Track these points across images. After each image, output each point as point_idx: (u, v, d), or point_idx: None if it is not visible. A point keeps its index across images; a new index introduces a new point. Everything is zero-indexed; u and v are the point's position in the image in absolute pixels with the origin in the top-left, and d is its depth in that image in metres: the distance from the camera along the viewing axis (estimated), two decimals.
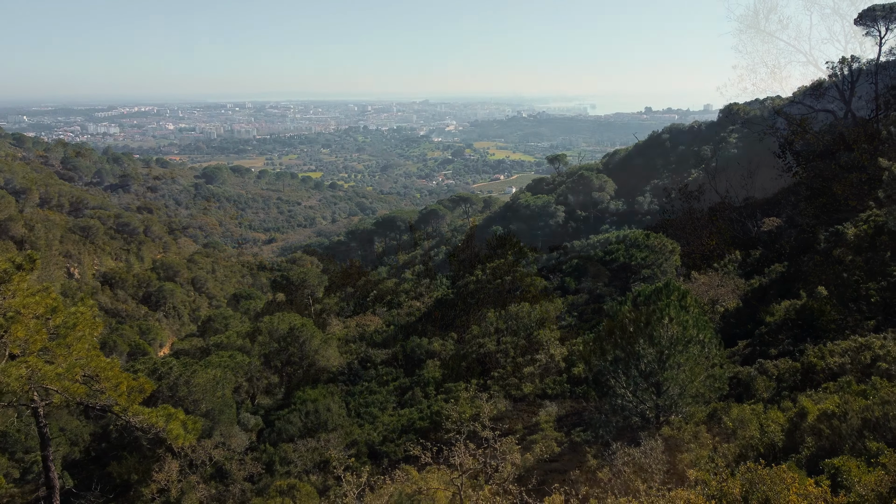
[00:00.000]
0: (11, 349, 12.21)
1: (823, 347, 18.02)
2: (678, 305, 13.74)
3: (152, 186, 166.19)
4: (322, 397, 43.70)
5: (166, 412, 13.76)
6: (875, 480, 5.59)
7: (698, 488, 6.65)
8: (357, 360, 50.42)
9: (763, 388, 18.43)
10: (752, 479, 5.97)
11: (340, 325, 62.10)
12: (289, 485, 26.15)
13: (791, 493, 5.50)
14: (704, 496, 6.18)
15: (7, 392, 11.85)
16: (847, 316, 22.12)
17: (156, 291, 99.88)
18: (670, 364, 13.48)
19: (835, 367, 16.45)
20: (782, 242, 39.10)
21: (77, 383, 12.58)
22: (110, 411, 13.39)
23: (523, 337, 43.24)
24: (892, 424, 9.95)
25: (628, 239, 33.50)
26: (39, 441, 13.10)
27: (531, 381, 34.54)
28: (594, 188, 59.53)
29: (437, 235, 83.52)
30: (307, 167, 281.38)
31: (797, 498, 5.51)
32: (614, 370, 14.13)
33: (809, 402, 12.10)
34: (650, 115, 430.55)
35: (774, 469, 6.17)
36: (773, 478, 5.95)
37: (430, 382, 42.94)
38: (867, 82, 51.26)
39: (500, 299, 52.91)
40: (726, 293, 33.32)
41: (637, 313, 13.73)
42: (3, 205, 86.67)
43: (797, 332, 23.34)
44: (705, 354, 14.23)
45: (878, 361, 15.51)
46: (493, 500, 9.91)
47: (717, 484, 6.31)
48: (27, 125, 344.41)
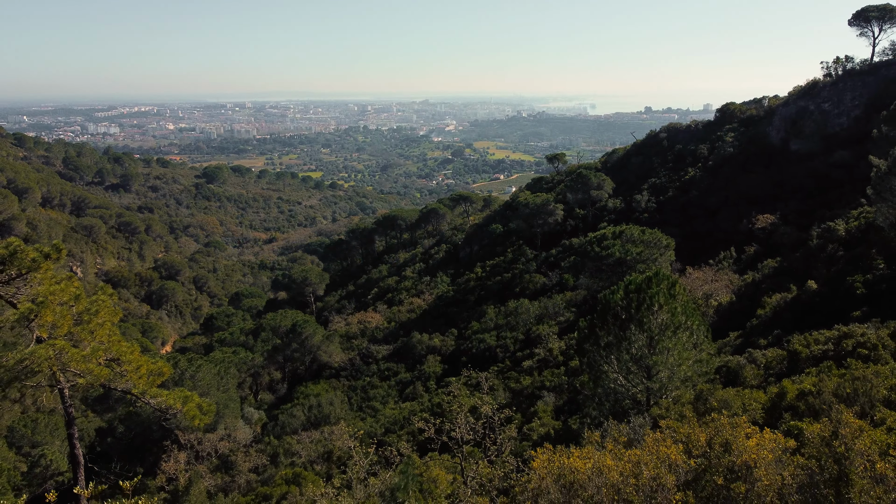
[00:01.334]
0: (40, 332, 12.98)
1: (809, 336, 18.79)
2: (667, 293, 14.49)
3: (153, 186, 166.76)
4: (325, 392, 44.53)
5: (183, 394, 14.52)
6: (820, 428, 6.42)
7: (668, 432, 7.45)
8: (359, 355, 51.21)
9: (752, 376, 19.20)
10: (715, 427, 6.80)
11: (342, 322, 62.89)
12: (294, 474, 26.86)
13: (748, 439, 6.33)
14: (673, 440, 7.00)
15: (36, 372, 12.64)
16: (834, 307, 22.88)
17: (157, 290, 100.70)
18: (660, 349, 14.24)
19: (818, 353, 17.22)
20: (776, 239, 39.85)
21: (100, 366, 13.35)
22: (130, 393, 14.15)
23: (522, 332, 44.03)
24: (861, 399, 10.73)
25: (624, 234, 34.23)
26: (65, 420, 13.86)
27: (530, 374, 35.29)
28: (592, 186, 60.18)
29: (438, 234, 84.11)
30: (307, 167, 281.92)
31: (752, 441, 6.36)
32: (607, 355, 14.88)
33: (789, 383, 12.85)
34: (650, 114, 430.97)
35: (735, 419, 6.99)
36: (732, 425, 6.80)
37: (430, 377, 43.74)
38: (861, 82, 52.00)
39: (499, 296, 53.70)
40: (720, 288, 34.08)
41: (628, 301, 14.50)
42: (7, 204, 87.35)
43: (787, 324, 24.10)
44: (693, 341, 14.97)
45: (858, 348, 16.27)
46: (492, 470, 10.64)
47: (686, 430, 7.16)
48: (27, 125, 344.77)
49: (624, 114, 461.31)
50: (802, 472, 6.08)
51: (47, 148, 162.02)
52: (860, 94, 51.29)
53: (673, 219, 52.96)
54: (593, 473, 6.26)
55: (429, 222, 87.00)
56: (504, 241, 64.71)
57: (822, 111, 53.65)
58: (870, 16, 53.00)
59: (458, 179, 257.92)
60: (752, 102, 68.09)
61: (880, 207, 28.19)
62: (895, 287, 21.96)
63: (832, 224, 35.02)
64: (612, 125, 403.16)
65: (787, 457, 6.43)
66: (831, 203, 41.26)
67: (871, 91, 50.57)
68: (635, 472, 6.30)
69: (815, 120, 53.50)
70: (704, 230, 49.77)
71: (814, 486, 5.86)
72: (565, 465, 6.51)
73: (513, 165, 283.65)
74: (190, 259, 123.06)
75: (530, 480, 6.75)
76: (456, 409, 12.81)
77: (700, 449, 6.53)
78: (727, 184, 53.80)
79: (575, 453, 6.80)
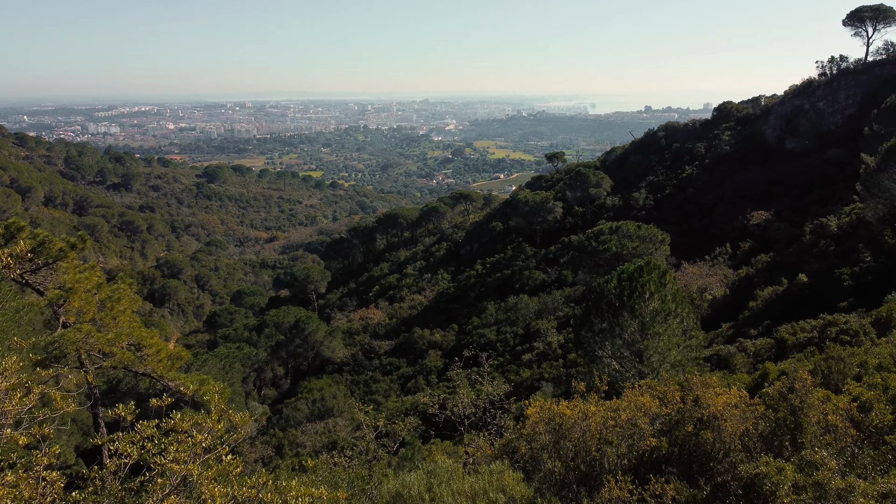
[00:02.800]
0: (67, 318, 13.80)
1: (795, 325, 19.59)
2: (658, 282, 15.26)
3: (154, 185, 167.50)
4: (328, 386, 45.34)
5: (199, 377, 15.33)
6: (778, 385, 7.24)
7: (645, 388, 8.27)
8: (361, 351, 52.02)
9: (741, 363, 20.01)
10: (687, 385, 7.63)
11: (344, 318, 63.68)
12: (300, 462, 27.63)
13: (717, 397, 7.16)
14: (650, 395, 7.82)
15: (64, 355, 13.46)
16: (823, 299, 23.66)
17: (160, 288, 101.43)
18: (651, 334, 15.02)
19: (804, 340, 18.02)
20: (770, 235, 40.64)
21: (123, 350, 14.17)
22: (150, 376, 14.96)
23: (522, 327, 44.83)
24: (836, 376, 11.54)
25: (621, 230, 35.02)
26: (91, 401, 14.66)
27: (529, 367, 36.09)
28: (591, 184, 60.96)
29: (438, 232, 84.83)
30: (308, 166, 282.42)
31: (720, 397, 7.18)
32: (601, 341, 15.67)
33: (772, 365, 13.64)
34: (650, 113, 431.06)
35: (705, 377, 7.82)
36: (703, 383, 7.63)
37: (432, 371, 44.56)
38: (855, 81, 52.77)
39: (499, 292, 54.49)
40: (715, 282, 34.88)
41: (621, 289, 15.29)
42: (10, 203, 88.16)
43: (777, 315, 24.89)
44: (683, 327, 15.74)
45: (841, 335, 17.07)
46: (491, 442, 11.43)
47: (661, 388, 8.00)
48: (28, 125, 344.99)
49: (624, 113, 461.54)
50: (763, 423, 6.89)
51: (49, 148, 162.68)
52: (854, 92, 52.08)
53: (670, 216, 53.74)
54: (579, 418, 7.07)
55: (429, 221, 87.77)
56: (504, 239, 65.48)
57: (817, 110, 54.43)
58: (863, 16, 53.78)
59: (459, 179, 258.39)
60: (749, 101, 68.86)
61: (869, 203, 29.01)
62: (880, 278, 22.75)
63: (825, 220, 35.84)
64: (612, 124, 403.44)
65: (751, 411, 7.26)
66: (825, 200, 42.06)
67: (864, 90, 51.35)
68: (615, 416, 7.14)
69: (809, 118, 54.28)
70: (701, 227, 50.56)
71: (772, 434, 6.66)
72: (555, 411, 7.33)
73: (513, 165, 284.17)
74: (192, 258, 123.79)
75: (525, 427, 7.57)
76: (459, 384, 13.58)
77: (675, 405, 7.36)
78: (723, 181, 54.59)
79: (564, 403, 7.60)
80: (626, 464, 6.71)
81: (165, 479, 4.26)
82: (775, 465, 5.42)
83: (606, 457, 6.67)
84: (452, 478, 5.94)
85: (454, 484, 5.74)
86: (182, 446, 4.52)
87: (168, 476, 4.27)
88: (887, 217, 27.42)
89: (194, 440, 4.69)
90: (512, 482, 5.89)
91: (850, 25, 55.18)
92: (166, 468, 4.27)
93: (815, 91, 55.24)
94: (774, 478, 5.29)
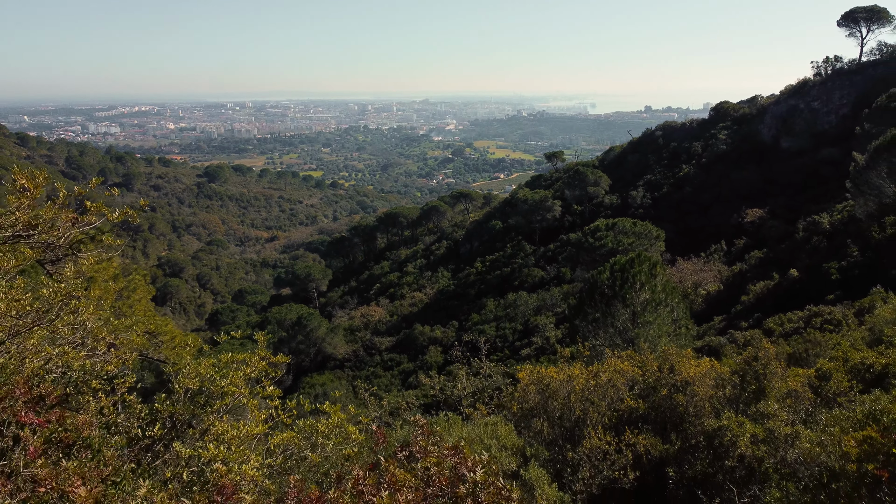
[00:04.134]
0: None
1: (783, 316, 20.35)
2: (648, 273, 16.01)
3: (155, 185, 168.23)
4: (330, 382, 46.09)
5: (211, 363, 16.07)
6: (744, 355, 8.02)
7: (626, 357, 9.03)
8: (362, 347, 52.78)
9: (730, 353, 20.74)
10: (664, 356, 8.38)
11: (345, 316, 64.41)
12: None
13: (689, 364, 7.94)
14: (631, 364, 8.58)
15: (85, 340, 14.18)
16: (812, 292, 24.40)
17: (161, 287, 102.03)
18: (641, 322, 15.78)
19: (790, 330, 18.78)
20: (764, 232, 41.39)
21: (140, 336, 14.93)
22: (164, 362, 15.70)
23: (521, 323, 45.59)
24: (812, 359, 12.30)
25: (617, 226, 35.77)
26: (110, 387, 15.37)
27: (527, 361, 36.82)
28: (589, 183, 61.72)
29: (439, 231, 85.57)
30: (308, 166, 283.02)
31: (692, 366, 7.96)
32: (594, 329, 16.42)
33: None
34: (650, 113, 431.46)
35: (680, 349, 8.60)
36: (677, 354, 8.40)
37: (432, 366, 45.28)
38: (849, 81, 53.51)
39: (499, 289, 55.25)
40: (709, 278, 35.63)
41: (613, 279, 16.03)
42: None
43: (768, 308, 25.64)
44: (673, 316, 16.50)
45: (825, 324, 17.82)
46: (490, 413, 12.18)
47: (640, 358, 8.77)
48: (28, 125, 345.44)
49: (624, 113, 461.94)
50: (730, 388, 7.64)
51: (50, 147, 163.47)
52: (848, 92, 52.84)
53: (667, 214, 54.50)
54: (565, 381, 7.81)
55: (430, 220, 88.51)
56: (504, 237, 66.23)
57: (812, 109, 55.19)
58: (858, 17, 54.53)
59: (459, 178, 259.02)
60: (746, 101, 69.58)
61: (859, 200, 29.76)
62: (867, 272, 23.50)
63: (817, 217, 36.61)
64: (611, 124, 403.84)
65: (720, 378, 8.03)
66: (818, 198, 42.81)
67: (858, 90, 52.11)
68: (596, 378, 7.89)
69: (804, 118, 55.04)
70: (697, 225, 51.33)
71: (738, 398, 7.40)
72: (543, 374, 8.08)
73: (513, 164, 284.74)
74: (193, 257, 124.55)
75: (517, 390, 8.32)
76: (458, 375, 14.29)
77: (653, 374, 8.12)
78: (720, 180, 55.34)
79: (551, 368, 8.35)
80: (608, 422, 7.46)
81: (224, 400, 5.18)
82: (736, 419, 6.16)
83: (589, 416, 7.42)
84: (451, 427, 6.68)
85: (454, 431, 6.48)
86: (236, 374, 5.46)
87: (228, 395, 5.22)
88: (876, 213, 28.17)
89: (244, 371, 5.64)
90: (505, 432, 6.63)
91: (844, 26, 55.95)
92: (226, 389, 5.18)
93: (810, 91, 56.00)
94: (735, 430, 6.02)
